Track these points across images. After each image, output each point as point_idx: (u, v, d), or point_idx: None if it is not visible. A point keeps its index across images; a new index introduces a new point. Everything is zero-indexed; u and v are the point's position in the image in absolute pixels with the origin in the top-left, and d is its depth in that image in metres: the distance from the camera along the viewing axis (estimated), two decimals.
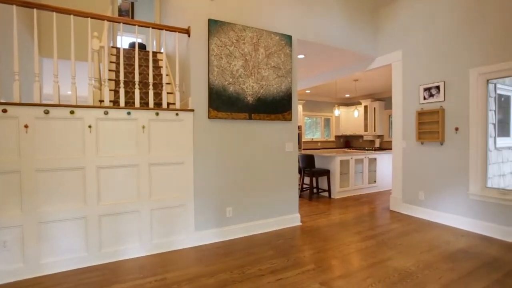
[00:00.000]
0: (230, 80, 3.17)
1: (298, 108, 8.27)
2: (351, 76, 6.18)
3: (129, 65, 4.19)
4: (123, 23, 2.84)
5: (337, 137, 9.94)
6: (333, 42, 4.07)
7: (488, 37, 3.28)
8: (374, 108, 8.47)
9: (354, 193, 5.69)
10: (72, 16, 2.58)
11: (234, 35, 3.19)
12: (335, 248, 2.96)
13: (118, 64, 4.03)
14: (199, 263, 2.62)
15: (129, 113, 2.68)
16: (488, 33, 3.28)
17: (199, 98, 3.05)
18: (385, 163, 6.19)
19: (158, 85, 3.96)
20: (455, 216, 3.61)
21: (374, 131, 8.51)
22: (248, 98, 3.29)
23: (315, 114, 9.40)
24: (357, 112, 7.89)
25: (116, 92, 3.52)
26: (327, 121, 9.83)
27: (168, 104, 3.48)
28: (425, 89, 3.95)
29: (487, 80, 3.36)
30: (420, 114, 3.99)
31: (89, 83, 2.67)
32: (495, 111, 3.50)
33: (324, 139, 9.67)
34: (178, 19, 3.67)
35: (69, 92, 5.84)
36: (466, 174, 3.50)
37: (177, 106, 3.04)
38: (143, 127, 2.75)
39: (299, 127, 8.31)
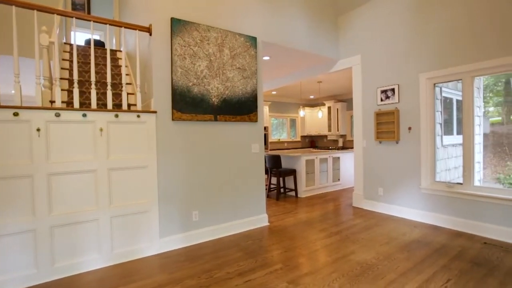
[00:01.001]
0: (195, 81, 3.10)
1: (264, 109, 8.36)
2: (315, 78, 6.41)
3: (85, 63, 3.91)
4: (76, 18, 2.64)
5: (302, 137, 10.22)
6: (297, 45, 4.18)
7: (433, 46, 3.59)
8: (337, 109, 8.85)
9: (320, 191, 5.89)
10: (14, 7, 2.34)
11: (198, 35, 3.13)
12: (302, 246, 3.02)
13: (72, 61, 3.74)
14: (164, 271, 2.52)
15: (84, 115, 2.50)
16: (434, 42, 3.59)
17: (162, 100, 2.94)
18: (347, 161, 6.50)
19: (117, 85, 3.75)
20: (410, 209, 3.89)
21: (338, 131, 8.90)
22: (213, 100, 3.24)
23: (281, 115, 9.58)
24: (321, 113, 8.19)
25: (70, 92, 3.27)
26: (293, 122, 10.07)
27: (129, 105, 3.31)
28: (382, 92, 4.21)
29: (434, 84, 3.67)
30: (378, 114, 4.24)
31: (36, 82, 2.44)
32: (441, 112, 3.84)
33: (291, 140, 9.89)
34: (139, 17, 3.50)
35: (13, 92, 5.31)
36: (418, 170, 3.79)
37: (139, 107, 2.90)
38: (101, 129, 2.58)
39: (266, 128, 8.41)
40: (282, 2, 3.98)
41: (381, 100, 4.22)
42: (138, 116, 2.77)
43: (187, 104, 3.05)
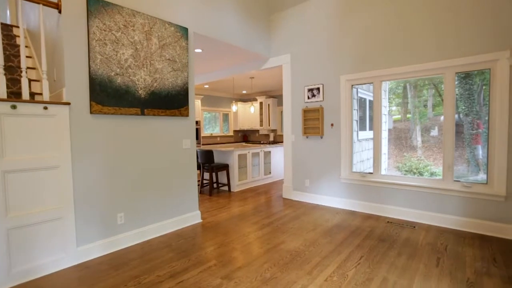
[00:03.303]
0: (118, 70, 2.80)
1: (196, 103, 8.12)
2: (247, 74, 6.50)
3: None
4: None
5: (235, 131, 10.32)
6: (231, 40, 4.15)
7: (351, 52, 4.03)
8: (268, 104, 9.19)
9: (252, 185, 6.06)
10: None
11: (121, 19, 2.82)
12: (235, 240, 3.07)
13: None
14: (82, 283, 2.24)
15: None
16: (351, 49, 4.02)
17: (77, 90, 2.57)
18: (278, 155, 6.84)
19: (15, 69, 3.12)
20: (333, 197, 4.33)
21: (269, 126, 9.26)
22: (140, 92, 2.99)
23: (214, 109, 9.47)
24: (253, 108, 8.39)
25: None
26: (226, 116, 10.07)
27: (33, 94, 2.79)
28: (309, 90, 4.53)
29: (352, 85, 4.13)
30: (305, 111, 4.56)
31: None
32: (357, 110, 4.35)
33: (223, 134, 9.89)
34: None
35: None
36: (338, 162, 4.24)
37: (46, 98, 2.47)
38: None
39: (198, 122, 8.20)
40: None
41: (308, 98, 4.55)
42: (46, 108, 2.36)
43: (109, 96, 2.74)
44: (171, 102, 3.29)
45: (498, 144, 3.01)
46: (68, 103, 2.49)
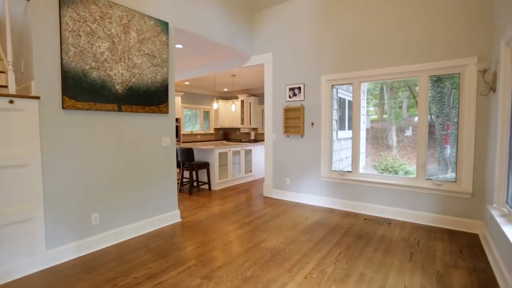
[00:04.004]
0: (93, 64, 2.67)
1: (176, 100, 7.95)
2: (229, 71, 6.44)
3: None
4: None
5: (216, 129, 10.22)
6: (212, 36, 4.09)
7: (332, 53, 4.10)
8: (250, 103, 9.18)
9: (233, 183, 6.03)
10: None
11: (97, 10, 2.68)
12: (215, 239, 3.04)
13: None
14: None
15: None
16: (332, 50, 4.09)
17: (48, 83, 2.42)
18: (259, 153, 6.85)
19: None
20: (313, 195, 4.40)
21: (250, 124, 9.25)
22: (117, 87, 2.87)
23: (194, 107, 9.32)
24: (234, 106, 8.34)
25: None
26: (206, 114, 9.94)
27: None
28: (290, 89, 4.57)
29: (332, 86, 4.21)
30: (287, 110, 4.59)
31: None
32: (337, 110, 4.44)
33: (204, 132, 9.76)
34: None
35: None
36: (318, 161, 4.31)
37: (12, 90, 2.31)
38: None
39: (178, 120, 8.04)
40: None
41: (289, 97, 4.58)
42: (11, 101, 2.20)
43: (84, 90, 2.61)
44: (150, 98, 3.19)
45: (466, 144, 3.18)
46: (38, 97, 2.34)
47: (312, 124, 4.35)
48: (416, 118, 4.00)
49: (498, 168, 2.44)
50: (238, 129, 10.06)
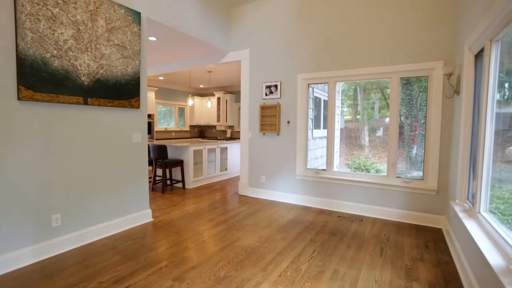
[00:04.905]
0: (55, 52, 2.46)
1: (149, 95, 7.66)
2: (205, 67, 6.30)
3: None
4: None
5: (191, 126, 10.00)
6: (187, 30, 3.95)
7: (308, 52, 4.13)
8: (226, 100, 9.06)
9: (208, 182, 5.92)
10: None
11: None
12: (188, 239, 2.94)
13: None
14: None
15: None
16: (308, 49, 4.12)
17: (1, 71, 2.19)
18: (235, 151, 6.78)
19: None
20: (288, 193, 4.42)
21: (226, 121, 9.14)
22: (83, 79, 2.67)
23: (169, 103, 9.04)
24: (210, 103, 8.20)
25: None
26: (182, 111, 9.69)
27: None
28: (267, 87, 4.54)
29: (308, 84, 4.24)
30: (263, 108, 4.57)
31: None
32: (312, 109, 4.49)
33: (179, 129, 9.50)
34: None
35: None
36: (294, 159, 4.33)
37: None
38: None
39: (151, 116, 7.75)
40: None
41: (266, 94, 4.56)
42: None
43: (44, 80, 2.39)
44: (120, 92, 3.02)
45: (432, 144, 3.35)
46: None
47: (288, 122, 4.37)
48: (387, 119, 4.15)
49: (461, 166, 2.58)
50: (214, 126, 9.91)
